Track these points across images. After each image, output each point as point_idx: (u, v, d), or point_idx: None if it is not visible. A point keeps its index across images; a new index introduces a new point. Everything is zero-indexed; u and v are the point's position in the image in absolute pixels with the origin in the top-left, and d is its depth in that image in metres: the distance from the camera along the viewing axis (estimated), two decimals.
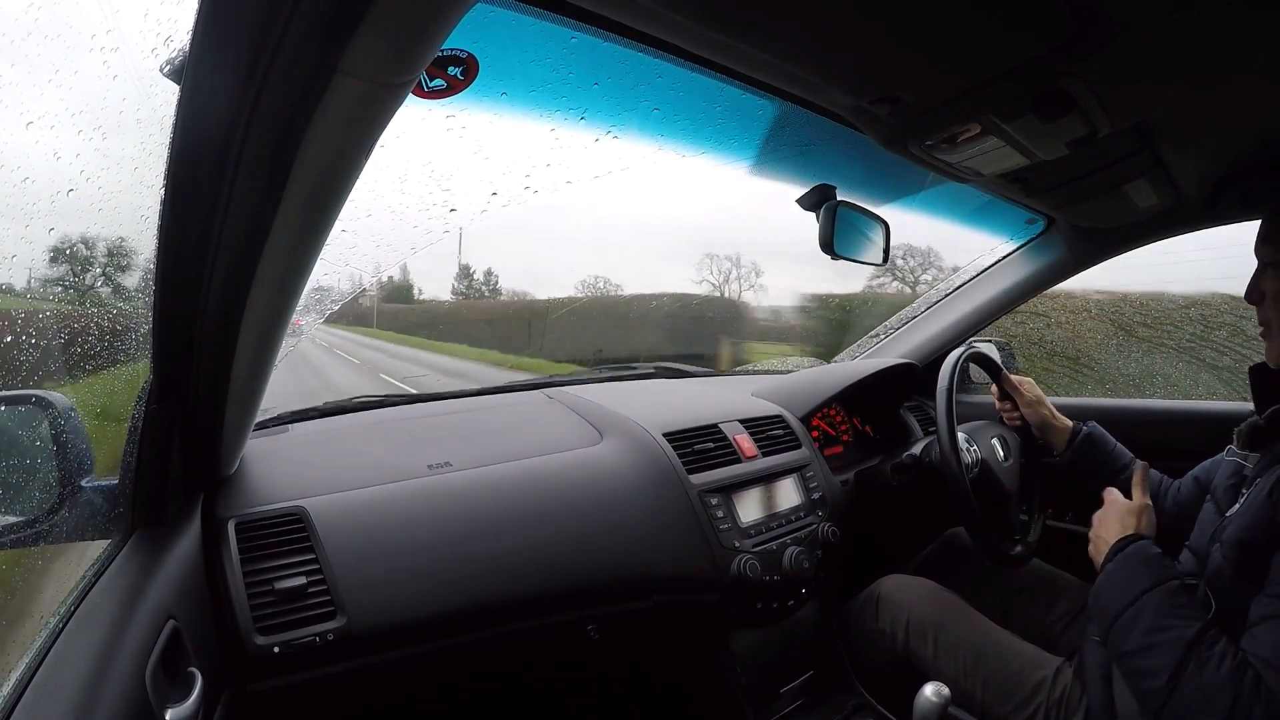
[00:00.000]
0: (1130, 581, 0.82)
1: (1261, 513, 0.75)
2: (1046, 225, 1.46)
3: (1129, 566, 0.85)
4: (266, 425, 1.12)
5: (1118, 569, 0.86)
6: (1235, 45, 0.65)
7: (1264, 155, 0.98)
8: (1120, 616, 0.80)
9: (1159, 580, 0.81)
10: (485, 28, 0.60)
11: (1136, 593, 0.80)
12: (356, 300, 8.63)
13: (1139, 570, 0.84)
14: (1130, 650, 0.78)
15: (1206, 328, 2.31)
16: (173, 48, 0.43)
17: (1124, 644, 0.79)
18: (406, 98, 0.46)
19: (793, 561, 1.13)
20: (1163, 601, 0.78)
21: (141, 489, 0.70)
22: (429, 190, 0.90)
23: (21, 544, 0.73)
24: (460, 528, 0.93)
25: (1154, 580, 0.81)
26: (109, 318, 0.77)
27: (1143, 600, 0.79)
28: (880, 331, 1.86)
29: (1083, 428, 1.22)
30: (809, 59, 0.64)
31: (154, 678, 0.56)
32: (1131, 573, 0.84)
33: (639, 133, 0.93)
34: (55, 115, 0.53)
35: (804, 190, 1.04)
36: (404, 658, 0.85)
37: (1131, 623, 0.79)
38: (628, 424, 1.20)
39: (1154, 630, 0.76)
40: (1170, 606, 0.78)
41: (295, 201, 0.49)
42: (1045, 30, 0.59)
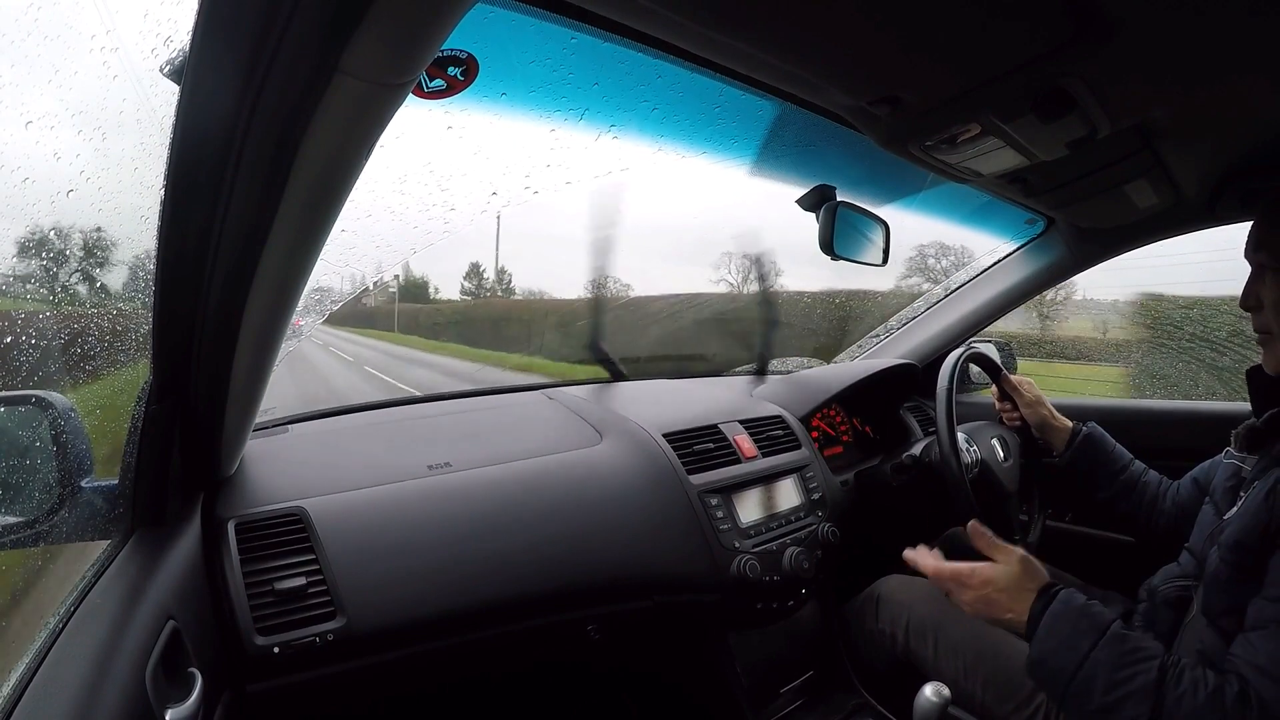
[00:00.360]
0: (1071, 642, 0.75)
1: (1259, 515, 0.75)
2: (1046, 225, 1.46)
3: (1063, 624, 0.77)
4: (266, 425, 1.12)
5: (1052, 630, 0.77)
6: (1235, 45, 0.65)
7: (1264, 155, 0.98)
8: (1073, 681, 0.74)
9: (1100, 630, 0.74)
10: (485, 28, 0.60)
11: (1084, 651, 0.74)
12: (366, 302, 8.63)
13: (1076, 624, 0.76)
14: (1095, 710, 0.72)
15: (1206, 327, 2.31)
16: (173, 48, 0.43)
17: (1087, 706, 0.73)
18: (406, 98, 0.46)
19: (793, 562, 1.13)
20: (1113, 652, 0.73)
21: (141, 489, 0.70)
22: (429, 190, 0.90)
23: (21, 544, 0.72)
24: (460, 528, 0.93)
25: (1096, 632, 0.74)
26: (109, 318, 0.77)
27: (1092, 659, 0.73)
28: (880, 331, 1.86)
29: (1082, 428, 1.22)
30: (809, 59, 0.64)
31: (154, 678, 0.56)
32: (1068, 631, 0.76)
33: (639, 133, 0.93)
34: (55, 115, 0.53)
35: (804, 190, 1.04)
36: (404, 658, 0.85)
37: (1088, 684, 0.73)
38: (627, 424, 1.20)
39: (1114, 685, 0.71)
40: (1123, 655, 0.72)
41: (295, 201, 0.49)
42: (1045, 30, 0.59)
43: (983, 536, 0.90)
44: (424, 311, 25.29)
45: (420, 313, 24.91)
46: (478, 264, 29.59)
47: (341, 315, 14.57)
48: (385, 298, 22.49)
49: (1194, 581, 0.91)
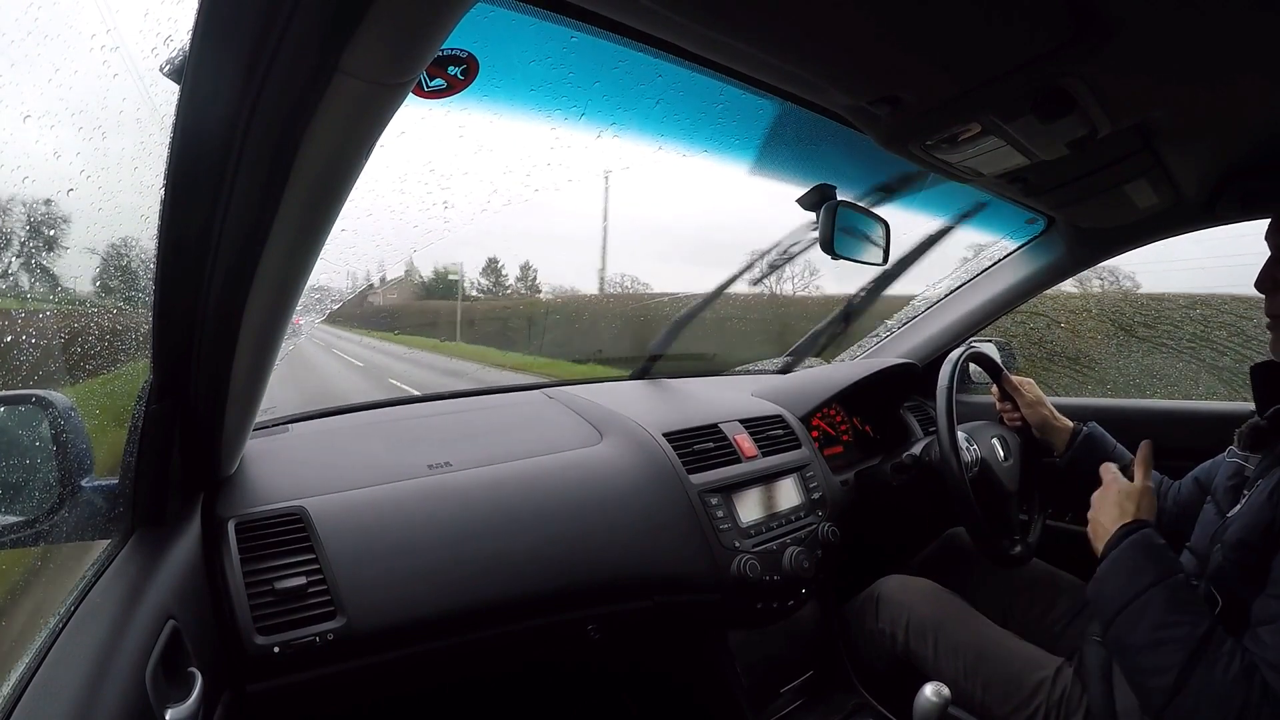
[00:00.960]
0: (1135, 573, 0.78)
1: (1262, 514, 0.75)
2: (1046, 225, 1.46)
3: (1133, 557, 0.80)
4: (266, 425, 1.12)
5: (1121, 559, 0.81)
6: (1235, 45, 0.65)
7: (1264, 155, 0.98)
8: (1124, 610, 0.76)
9: (1165, 574, 0.77)
10: (485, 28, 0.60)
11: (1142, 586, 0.76)
12: (389, 297, 8.12)
13: (1143, 561, 0.79)
14: (1134, 645, 0.74)
15: (1206, 327, 2.31)
16: (173, 48, 0.43)
17: (1128, 639, 0.75)
18: (406, 98, 0.46)
19: (793, 561, 1.13)
20: (1170, 596, 0.74)
21: (141, 489, 0.70)
22: (429, 190, 0.90)
23: (21, 544, 0.72)
24: (460, 528, 0.93)
25: (1160, 573, 0.77)
26: (109, 317, 0.77)
27: (1149, 594, 0.75)
28: (880, 331, 1.86)
29: (1083, 428, 1.22)
30: (809, 59, 0.64)
31: (154, 678, 0.56)
32: (1136, 563, 0.80)
33: (639, 131, 0.93)
34: (55, 114, 0.53)
35: (804, 190, 1.04)
36: (404, 658, 0.85)
37: (1136, 617, 0.75)
38: (628, 424, 1.20)
39: (1161, 626, 0.73)
40: (1177, 602, 0.74)
41: (295, 201, 0.49)
42: (1045, 30, 0.59)
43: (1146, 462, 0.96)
44: (483, 310, 19.17)
45: (476, 311, 18.90)
46: (527, 264, 26.22)
47: (364, 317, 13.74)
48: (414, 291, 19.22)
49: (1196, 580, 0.91)
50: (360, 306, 27.57)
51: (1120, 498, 0.90)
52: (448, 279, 23.39)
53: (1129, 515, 0.87)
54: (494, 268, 26.16)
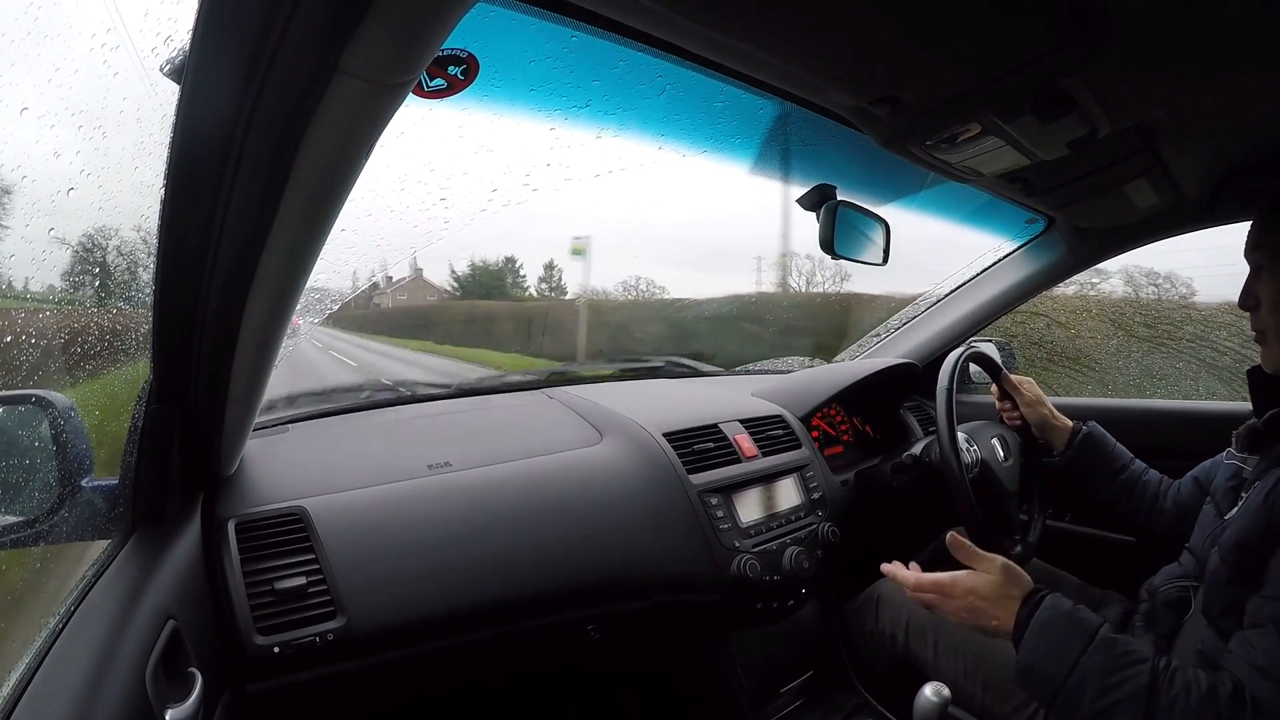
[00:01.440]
0: (1060, 648, 0.74)
1: (1259, 516, 0.75)
2: (1046, 225, 1.46)
3: (1052, 629, 0.76)
4: (266, 425, 1.12)
5: (1040, 636, 0.76)
6: (1235, 45, 0.65)
7: (1264, 155, 0.98)
8: (1064, 688, 0.72)
9: (1089, 635, 0.74)
10: (485, 28, 0.60)
11: (1073, 657, 0.72)
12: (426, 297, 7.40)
13: (1064, 630, 0.75)
14: (1087, 716, 0.71)
15: (1206, 327, 2.31)
16: (173, 47, 0.43)
17: (1078, 712, 0.72)
18: (406, 98, 0.46)
19: (793, 561, 1.13)
20: (1102, 660, 0.71)
21: (141, 489, 0.70)
22: (429, 190, 0.90)
23: (21, 544, 0.72)
24: (460, 527, 0.93)
25: (1085, 637, 0.73)
26: (109, 317, 0.77)
27: (1081, 666, 0.72)
28: (880, 331, 1.86)
29: (1082, 428, 1.22)
30: (809, 59, 0.64)
31: (154, 678, 0.56)
32: (1056, 637, 0.75)
33: (639, 132, 0.93)
34: (55, 114, 0.53)
35: (804, 190, 1.04)
36: (404, 658, 0.85)
37: (1078, 690, 0.71)
38: (628, 424, 1.20)
39: (1105, 691, 0.70)
40: (1113, 659, 0.71)
41: (295, 201, 0.49)
42: (1045, 30, 0.59)
43: (963, 547, 0.88)
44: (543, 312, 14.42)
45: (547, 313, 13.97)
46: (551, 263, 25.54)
47: (393, 322, 13.05)
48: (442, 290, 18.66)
49: (1195, 582, 0.91)
50: (366, 308, 25.80)
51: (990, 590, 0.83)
52: (497, 277, 21.36)
53: (1013, 597, 0.81)
54: (549, 269, 24.67)
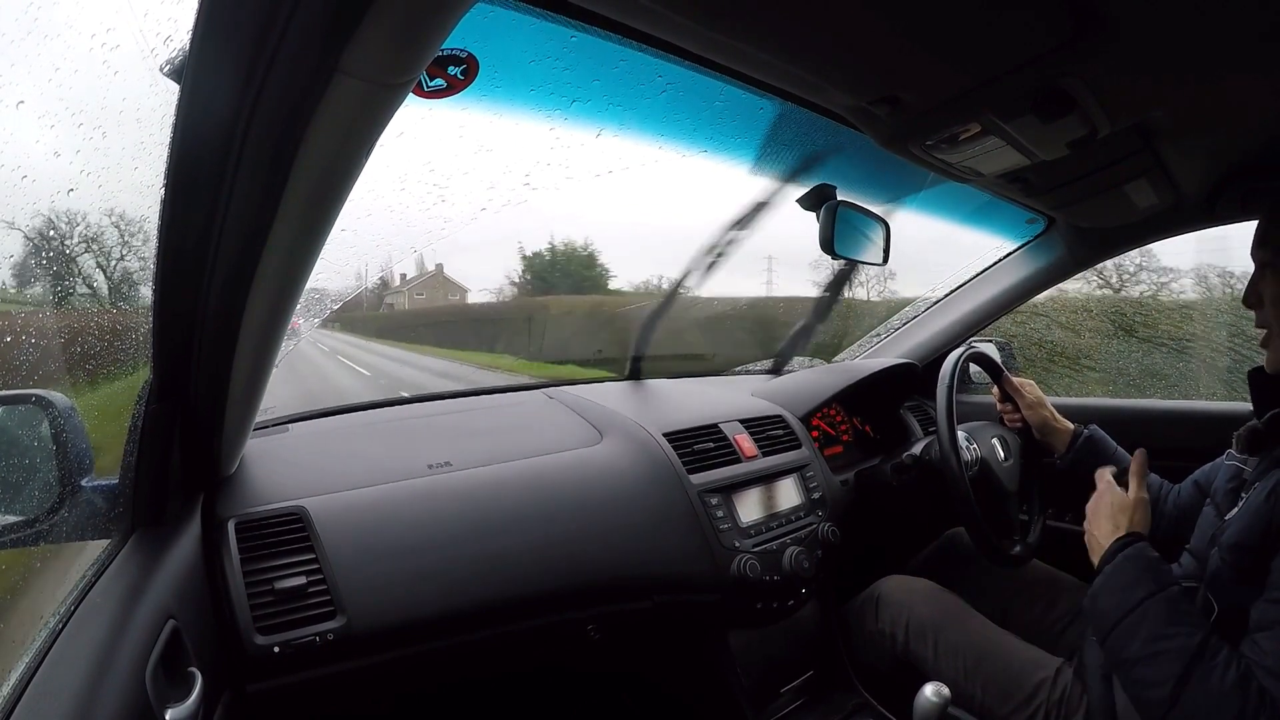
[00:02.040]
0: (1131, 586, 0.79)
1: (1260, 516, 0.75)
2: (1046, 225, 1.46)
3: (1129, 570, 0.82)
4: (266, 425, 1.12)
5: (1117, 572, 0.82)
6: (1235, 45, 0.65)
7: (1264, 155, 0.98)
8: (1121, 623, 0.77)
9: (1160, 586, 0.78)
10: (485, 28, 0.60)
11: (1138, 598, 0.77)
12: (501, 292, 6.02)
13: (1140, 574, 0.80)
14: (1131, 658, 0.75)
15: (1206, 327, 2.31)
16: (173, 48, 0.43)
17: (1124, 651, 0.76)
18: (406, 97, 0.46)
19: (793, 561, 1.13)
20: (1165, 608, 0.76)
21: (141, 489, 0.70)
22: (429, 190, 0.90)
23: (21, 544, 0.73)
24: (460, 527, 0.93)
25: (1155, 586, 0.78)
26: (109, 317, 0.77)
27: (1144, 606, 0.76)
28: (881, 331, 1.86)
29: (1084, 431, 1.22)
30: (809, 59, 0.64)
31: (154, 678, 0.56)
32: (1132, 576, 0.81)
33: (639, 131, 0.93)
34: (55, 114, 0.53)
35: (804, 190, 1.04)
36: (404, 658, 0.85)
37: (1133, 630, 0.76)
38: (628, 424, 1.20)
39: (1156, 638, 0.74)
40: (1173, 614, 0.75)
41: (295, 201, 0.49)
42: (1045, 30, 0.59)
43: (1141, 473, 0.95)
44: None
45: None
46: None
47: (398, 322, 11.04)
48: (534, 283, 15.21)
49: (1195, 583, 0.91)
50: (377, 309, 22.81)
51: (1114, 510, 0.91)
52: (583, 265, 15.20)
53: (1123, 528, 0.88)
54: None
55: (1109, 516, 0.91)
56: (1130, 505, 0.91)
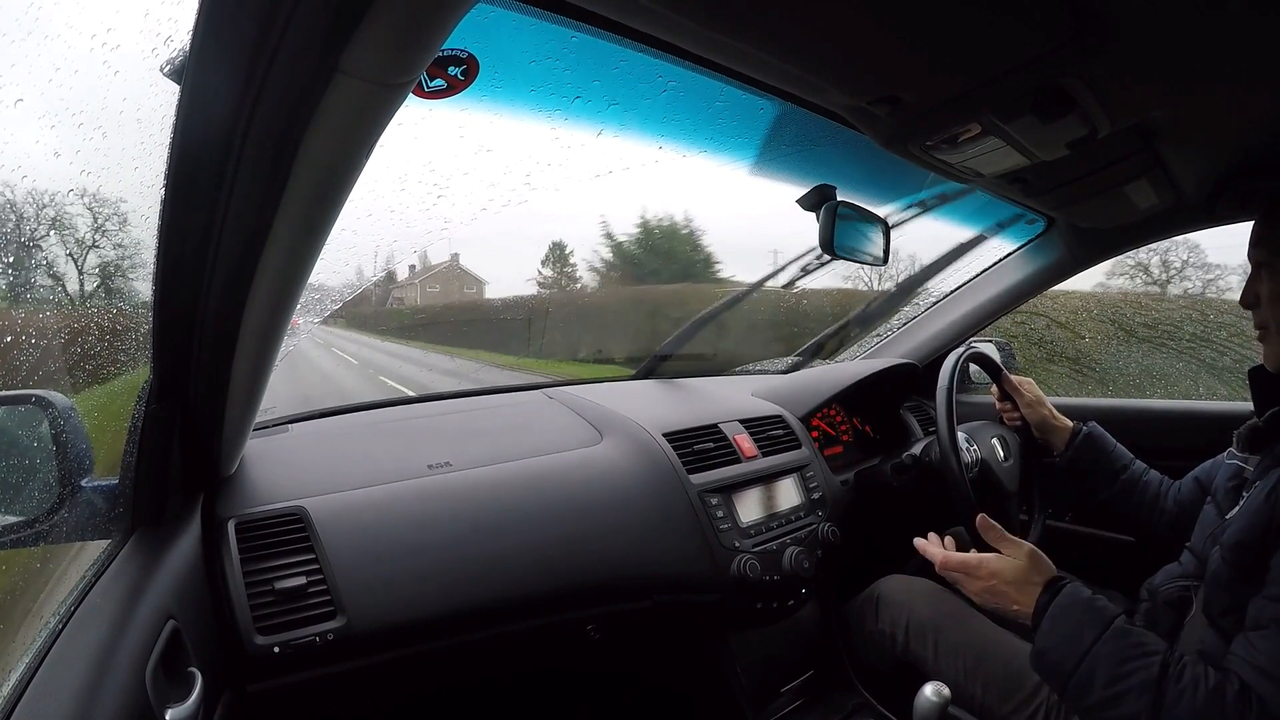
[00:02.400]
0: (1075, 634, 0.76)
1: (1260, 515, 0.75)
2: (1046, 225, 1.46)
3: (1068, 617, 0.78)
4: (266, 425, 1.12)
5: (1056, 622, 0.78)
6: (1235, 45, 0.65)
7: (1264, 156, 0.98)
8: (1075, 674, 0.74)
9: (1105, 624, 0.75)
10: (485, 28, 0.60)
11: (1087, 644, 0.74)
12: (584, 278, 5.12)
13: (1080, 618, 0.77)
14: (1096, 704, 0.73)
15: (1206, 327, 2.31)
16: (173, 48, 0.43)
17: (1087, 699, 0.74)
18: (406, 98, 0.46)
19: (793, 561, 1.13)
20: (1114, 648, 0.73)
21: (141, 489, 0.70)
22: (429, 190, 0.90)
23: (21, 544, 0.73)
24: (460, 528, 0.93)
25: (1100, 625, 0.75)
26: (109, 317, 0.77)
27: (1094, 651, 0.74)
28: (881, 331, 1.86)
29: (1083, 428, 1.22)
30: (809, 59, 0.64)
31: (154, 678, 0.56)
32: (1073, 624, 0.77)
33: (639, 131, 0.93)
34: (55, 114, 0.53)
35: (804, 190, 1.04)
36: (404, 658, 0.85)
37: (1090, 676, 0.73)
38: (627, 424, 1.20)
39: (1116, 679, 0.71)
40: (1125, 649, 0.73)
41: (295, 201, 0.49)
42: (1045, 30, 0.59)
43: (992, 529, 0.92)
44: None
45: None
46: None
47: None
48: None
49: (1195, 581, 0.91)
50: (384, 304, 20.35)
51: (1013, 575, 0.86)
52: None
53: (1035, 582, 0.84)
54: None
55: (1012, 583, 0.85)
56: (1026, 558, 0.86)
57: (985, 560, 0.90)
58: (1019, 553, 0.88)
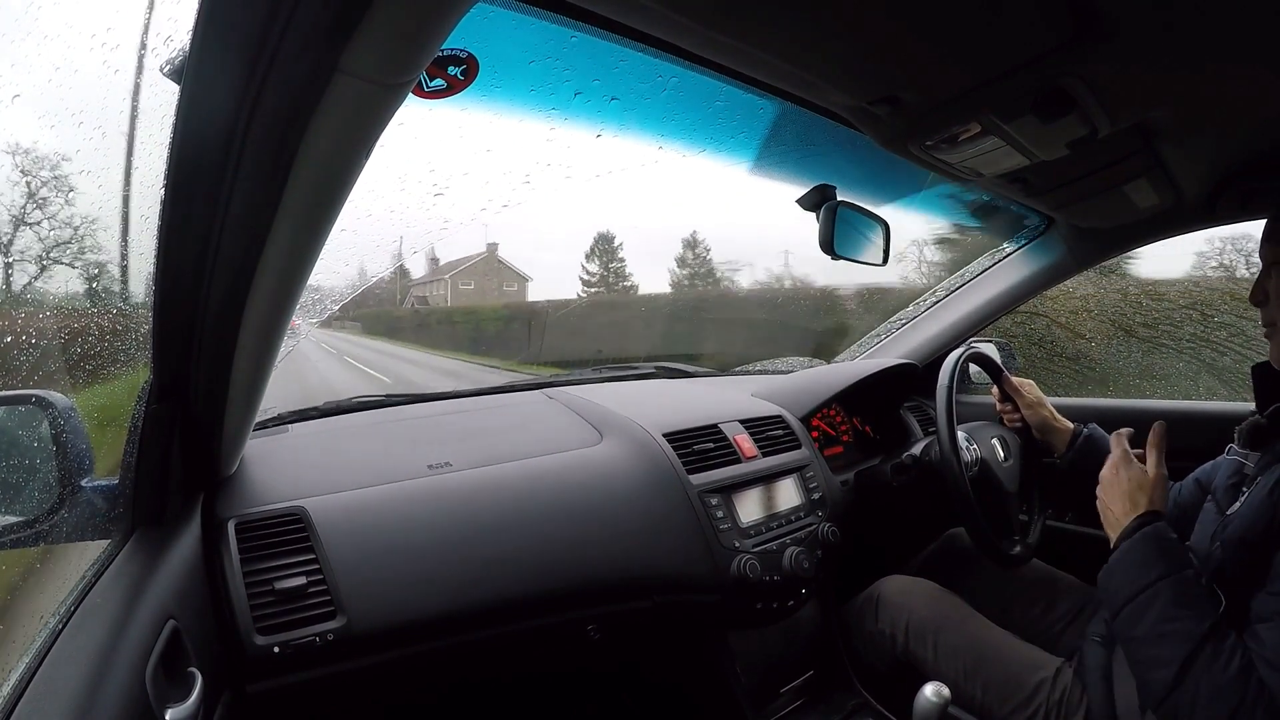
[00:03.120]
0: (1145, 565, 0.79)
1: (1263, 511, 0.75)
2: (1046, 225, 1.46)
3: (1144, 549, 0.81)
4: (266, 425, 1.12)
5: (1132, 550, 0.82)
6: (1235, 45, 0.65)
7: (1265, 155, 0.98)
8: (1132, 601, 0.77)
9: (1175, 568, 0.78)
10: (485, 28, 0.60)
11: (1151, 578, 0.77)
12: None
13: (1156, 554, 0.80)
14: (1139, 636, 0.76)
15: (1206, 327, 2.31)
16: (173, 48, 0.43)
17: (1134, 629, 0.77)
18: (406, 97, 0.46)
19: (793, 562, 1.13)
20: (1177, 591, 0.76)
21: (141, 489, 0.70)
22: (429, 190, 0.90)
23: (21, 544, 0.73)
24: (460, 528, 0.93)
25: (1169, 567, 0.78)
26: (109, 317, 0.77)
27: (1157, 587, 0.76)
28: (881, 331, 1.86)
29: (1083, 430, 1.22)
30: (809, 59, 0.64)
31: (154, 678, 0.56)
32: (1146, 556, 0.80)
33: (639, 131, 0.93)
34: (55, 114, 0.53)
35: (804, 190, 1.04)
36: (404, 658, 0.85)
37: (1144, 609, 0.76)
38: (627, 424, 1.20)
39: (1166, 619, 0.74)
40: (1184, 597, 0.75)
41: (295, 201, 0.49)
42: (1045, 30, 0.59)
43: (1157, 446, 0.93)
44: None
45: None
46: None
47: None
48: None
49: None
50: (402, 303, 16.77)
51: (1132, 487, 0.89)
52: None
53: (1141, 506, 0.87)
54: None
55: (1127, 494, 0.89)
56: (1150, 483, 0.89)
57: (1134, 461, 0.93)
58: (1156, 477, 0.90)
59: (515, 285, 20.39)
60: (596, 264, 19.45)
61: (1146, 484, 0.89)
